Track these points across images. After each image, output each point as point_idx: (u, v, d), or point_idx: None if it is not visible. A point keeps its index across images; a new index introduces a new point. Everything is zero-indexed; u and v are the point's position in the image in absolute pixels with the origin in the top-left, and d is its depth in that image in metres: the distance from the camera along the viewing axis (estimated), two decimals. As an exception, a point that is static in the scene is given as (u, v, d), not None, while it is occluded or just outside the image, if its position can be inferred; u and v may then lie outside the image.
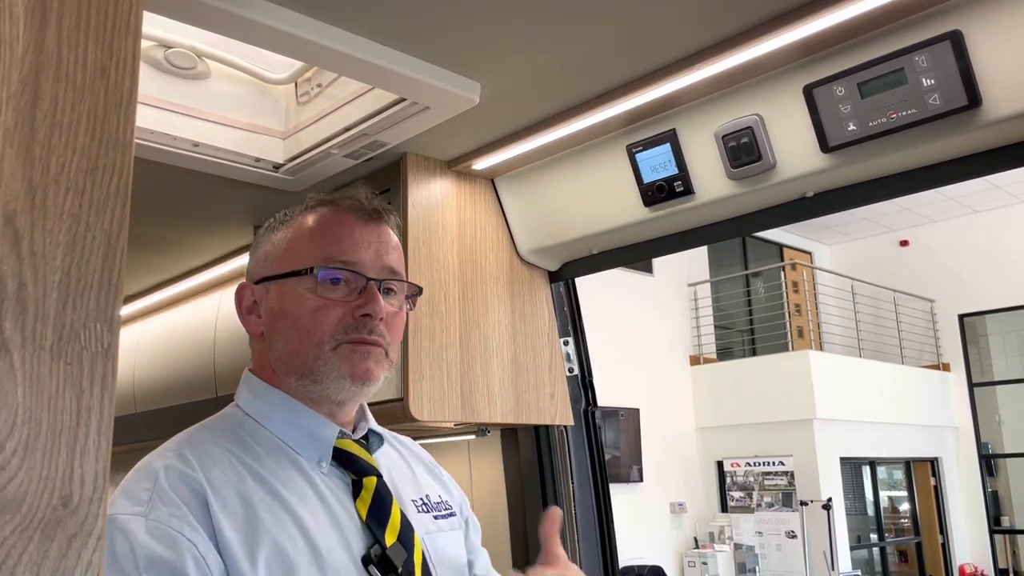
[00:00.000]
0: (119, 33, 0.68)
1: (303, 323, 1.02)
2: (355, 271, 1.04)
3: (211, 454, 0.98)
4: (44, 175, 0.63)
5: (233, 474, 0.96)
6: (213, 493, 0.92)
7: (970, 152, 1.37)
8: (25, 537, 0.57)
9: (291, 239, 1.08)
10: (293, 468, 1.01)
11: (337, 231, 1.06)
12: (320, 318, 1.02)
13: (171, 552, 0.86)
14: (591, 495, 2.06)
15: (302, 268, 1.03)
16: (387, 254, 1.08)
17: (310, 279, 1.03)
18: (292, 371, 1.04)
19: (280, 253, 1.08)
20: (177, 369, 2.84)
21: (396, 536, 1.02)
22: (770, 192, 1.56)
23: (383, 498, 1.04)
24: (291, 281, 1.04)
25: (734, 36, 1.35)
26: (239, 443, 1.02)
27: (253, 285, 1.09)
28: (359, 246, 1.06)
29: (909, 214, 10.92)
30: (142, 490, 0.92)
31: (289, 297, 1.04)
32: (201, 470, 0.94)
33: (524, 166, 1.86)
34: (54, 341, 0.61)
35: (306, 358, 1.03)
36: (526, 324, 1.96)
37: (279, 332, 1.05)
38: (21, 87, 0.62)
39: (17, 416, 0.59)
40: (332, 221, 1.07)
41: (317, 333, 1.02)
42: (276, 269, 1.07)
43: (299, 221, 1.09)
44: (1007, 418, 10.89)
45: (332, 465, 1.04)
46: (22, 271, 0.61)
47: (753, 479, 8.89)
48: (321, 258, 1.04)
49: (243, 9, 1.20)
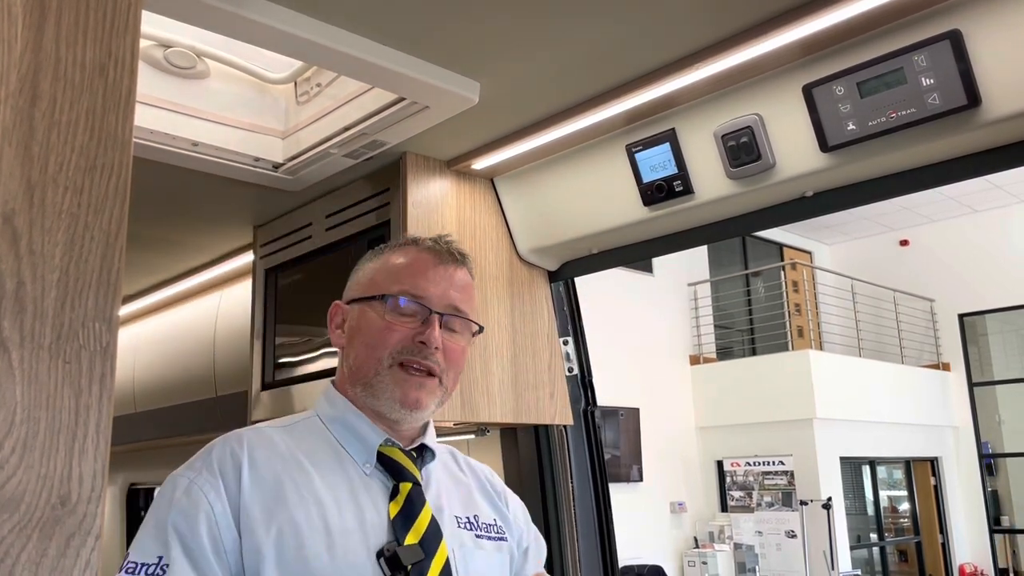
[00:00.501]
0: (118, 32, 0.68)
1: (371, 339, 1.17)
2: (422, 303, 1.18)
3: (266, 438, 1.14)
4: (43, 174, 0.63)
5: (277, 458, 1.11)
6: (250, 468, 1.08)
7: (969, 151, 1.36)
8: (23, 536, 0.57)
9: (377, 269, 1.24)
10: (338, 464, 1.15)
11: (414, 267, 1.21)
12: (384, 337, 1.16)
13: (192, 507, 1.03)
14: (591, 495, 2.06)
15: (378, 294, 1.19)
16: (454, 293, 1.21)
17: (383, 304, 1.18)
18: (358, 381, 1.19)
19: (367, 280, 1.24)
20: (177, 369, 2.84)
21: (418, 539, 1.10)
22: (770, 192, 1.56)
23: (414, 502, 1.14)
24: (369, 304, 1.20)
25: (733, 36, 1.35)
26: (297, 436, 1.17)
27: (344, 305, 1.25)
28: (430, 282, 1.20)
29: (909, 213, 10.91)
30: (198, 459, 1.10)
31: (366, 317, 1.20)
32: (247, 449, 1.10)
33: (524, 166, 1.86)
34: (53, 340, 0.61)
35: (369, 371, 1.17)
36: (526, 324, 1.96)
37: (353, 346, 1.21)
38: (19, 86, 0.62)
39: (15, 415, 0.59)
40: (412, 258, 1.22)
41: (380, 349, 1.16)
42: (360, 293, 1.23)
43: (387, 255, 1.25)
44: (1007, 418, 10.89)
45: (376, 468, 1.16)
46: (20, 270, 0.61)
47: (753, 479, 8.89)
48: (396, 288, 1.19)
49: (242, 8, 1.20)
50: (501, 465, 2.12)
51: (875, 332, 10.48)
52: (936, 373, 10.78)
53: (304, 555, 1.03)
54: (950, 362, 10.96)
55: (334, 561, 1.04)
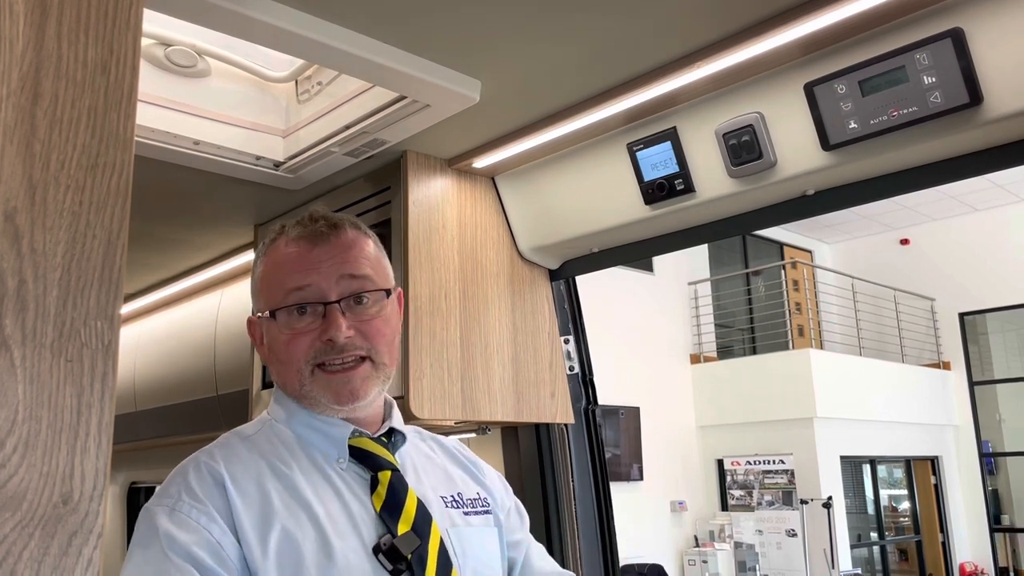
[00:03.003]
0: (119, 30, 0.68)
1: (283, 356, 1.13)
2: (312, 302, 1.10)
3: (237, 452, 1.10)
4: (44, 172, 0.63)
5: (254, 469, 1.07)
6: (233, 484, 1.03)
7: (971, 150, 1.36)
8: (26, 534, 0.57)
9: (261, 278, 1.17)
10: (313, 465, 1.11)
11: (289, 264, 1.13)
12: (292, 350, 1.11)
13: (187, 535, 0.98)
14: (591, 493, 2.06)
15: (268, 309, 1.13)
16: (346, 265, 1.12)
17: (276, 320, 1.12)
18: (291, 394, 1.15)
19: (257, 291, 1.18)
20: (178, 367, 2.84)
21: (410, 525, 1.07)
22: (771, 190, 1.56)
23: (396, 490, 1.10)
24: (270, 322, 1.14)
25: (735, 34, 1.35)
26: (266, 443, 1.13)
27: (255, 319, 1.19)
28: (311, 270, 1.11)
29: (910, 212, 10.91)
30: (173, 486, 1.04)
31: (271, 334, 1.14)
32: (225, 465, 1.06)
33: (524, 164, 1.86)
34: (54, 338, 0.61)
35: (294, 385, 1.13)
36: (527, 322, 1.96)
37: (271, 363, 1.17)
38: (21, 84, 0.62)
39: (18, 413, 0.59)
40: (284, 254, 1.14)
41: (294, 362, 1.11)
42: (258, 308, 1.17)
43: (265, 259, 1.17)
44: (1007, 416, 10.89)
45: (351, 462, 1.12)
46: (22, 268, 0.61)
47: (753, 477, 8.89)
48: (281, 293, 1.11)
49: (243, 6, 1.20)
50: (502, 463, 2.12)
51: (876, 331, 10.48)
52: (937, 372, 10.77)
53: (305, 565, 1.00)
54: (951, 361, 10.95)
55: (335, 567, 1.01)
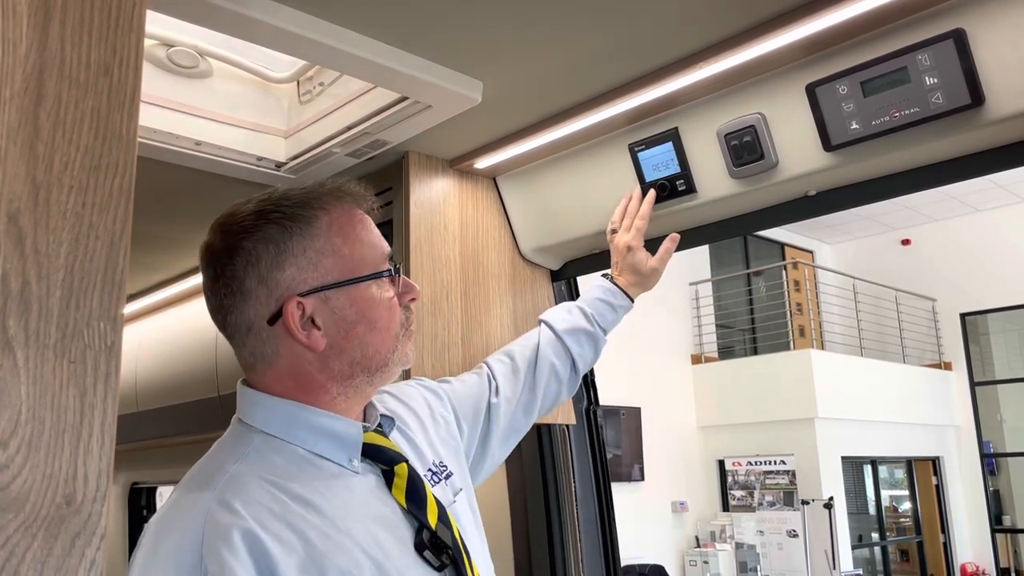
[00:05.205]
0: (122, 31, 0.68)
1: (382, 322, 1.05)
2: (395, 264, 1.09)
3: (250, 491, 0.93)
4: (47, 173, 0.63)
5: (277, 505, 0.93)
6: (267, 535, 0.89)
7: (973, 151, 1.36)
8: (29, 536, 0.57)
9: (337, 240, 1.04)
10: (328, 476, 1.00)
11: (369, 226, 1.10)
12: (394, 315, 1.07)
13: None
14: (592, 494, 2.06)
15: (372, 272, 1.05)
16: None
17: (379, 280, 1.06)
18: (363, 371, 1.04)
19: (335, 258, 1.03)
20: (179, 368, 2.84)
21: (436, 517, 1.03)
22: (772, 191, 1.56)
23: (415, 481, 1.05)
24: (361, 286, 1.04)
25: (736, 35, 1.35)
26: (269, 467, 0.98)
27: (301, 298, 1.00)
28: (376, 232, 1.10)
29: (911, 213, 10.90)
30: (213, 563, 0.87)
31: (364, 301, 1.04)
32: (246, 511, 0.90)
33: (526, 165, 1.86)
34: (57, 339, 0.61)
35: (385, 356, 1.05)
36: (528, 323, 1.96)
37: (356, 338, 1.03)
38: (24, 85, 0.62)
39: (21, 414, 0.59)
40: (358, 215, 1.09)
41: (393, 328, 1.06)
42: (338, 276, 1.02)
43: (331, 221, 1.04)
44: (1009, 417, 10.89)
45: (361, 461, 1.04)
46: (25, 269, 0.61)
47: (754, 478, 8.89)
48: (380, 254, 1.07)
49: (246, 7, 1.20)
50: (503, 464, 2.12)
51: (877, 331, 10.47)
52: (938, 372, 10.77)
53: None
54: (952, 361, 10.95)
55: None
